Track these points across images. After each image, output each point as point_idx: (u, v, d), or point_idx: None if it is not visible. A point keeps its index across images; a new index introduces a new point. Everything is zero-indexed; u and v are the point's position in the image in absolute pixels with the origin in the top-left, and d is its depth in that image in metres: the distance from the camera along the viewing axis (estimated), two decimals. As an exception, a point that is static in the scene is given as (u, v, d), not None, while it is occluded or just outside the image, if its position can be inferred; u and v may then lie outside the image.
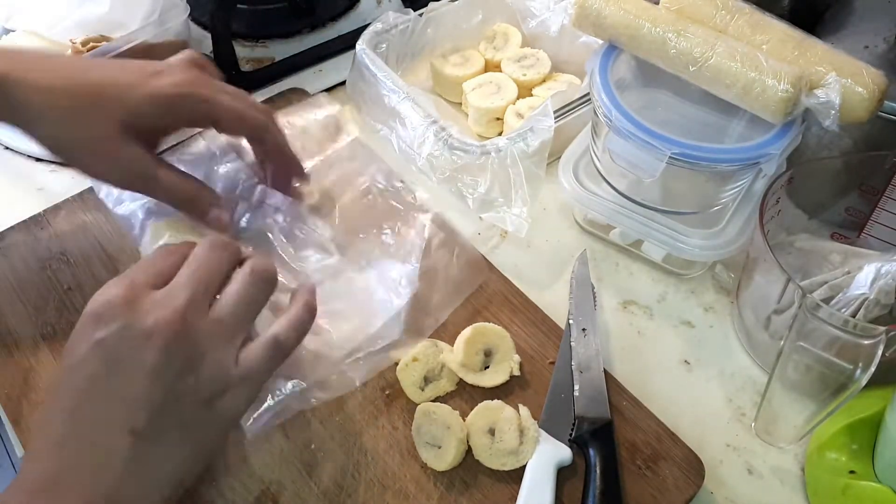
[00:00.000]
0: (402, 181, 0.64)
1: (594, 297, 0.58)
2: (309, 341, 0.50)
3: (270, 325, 0.45)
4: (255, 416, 0.48)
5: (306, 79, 0.78)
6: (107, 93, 0.50)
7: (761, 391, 0.51)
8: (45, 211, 0.63)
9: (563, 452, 0.49)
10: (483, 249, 0.62)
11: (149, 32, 0.68)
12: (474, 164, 0.62)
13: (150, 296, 0.42)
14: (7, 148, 0.70)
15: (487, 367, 0.53)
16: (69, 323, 0.56)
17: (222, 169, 0.59)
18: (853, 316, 0.50)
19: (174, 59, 0.54)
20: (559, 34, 0.74)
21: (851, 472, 0.48)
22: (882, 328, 0.45)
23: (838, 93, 0.49)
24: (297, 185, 0.59)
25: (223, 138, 0.61)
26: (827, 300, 0.52)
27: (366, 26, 0.73)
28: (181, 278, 0.43)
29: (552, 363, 0.54)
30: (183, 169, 0.54)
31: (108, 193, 0.58)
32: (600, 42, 0.59)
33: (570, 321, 0.55)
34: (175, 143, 0.61)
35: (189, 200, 0.54)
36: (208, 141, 0.62)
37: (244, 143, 0.59)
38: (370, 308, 0.55)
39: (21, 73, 0.49)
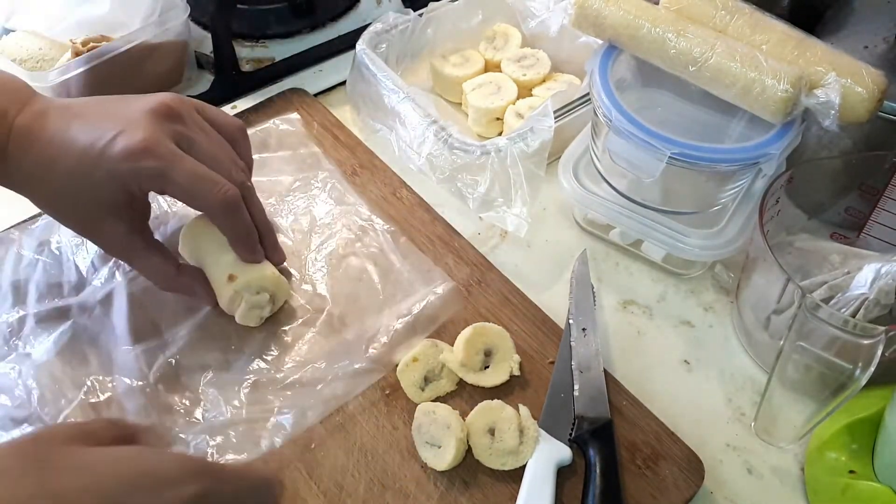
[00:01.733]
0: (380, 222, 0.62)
1: (594, 297, 0.58)
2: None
3: None
4: None
5: (306, 79, 0.78)
6: (84, 169, 0.49)
7: (761, 391, 0.52)
8: (45, 211, 0.63)
9: (563, 452, 0.49)
10: (483, 249, 0.62)
11: (149, 32, 0.68)
12: (474, 163, 0.62)
13: None
14: (7, 148, 0.70)
15: (487, 366, 0.53)
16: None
17: None
18: (853, 316, 0.50)
19: (146, 103, 0.50)
20: (559, 34, 0.74)
21: (851, 471, 0.48)
22: (882, 328, 0.45)
23: (838, 93, 0.50)
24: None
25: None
26: (827, 300, 0.52)
27: (366, 26, 0.73)
28: None
29: (552, 363, 0.54)
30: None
31: None
32: (600, 42, 0.59)
33: (570, 321, 0.55)
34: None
35: (165, 284, 0.55)
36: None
37: None
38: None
39: (21, 142, 0.50)
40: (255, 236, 0.55)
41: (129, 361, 0.53)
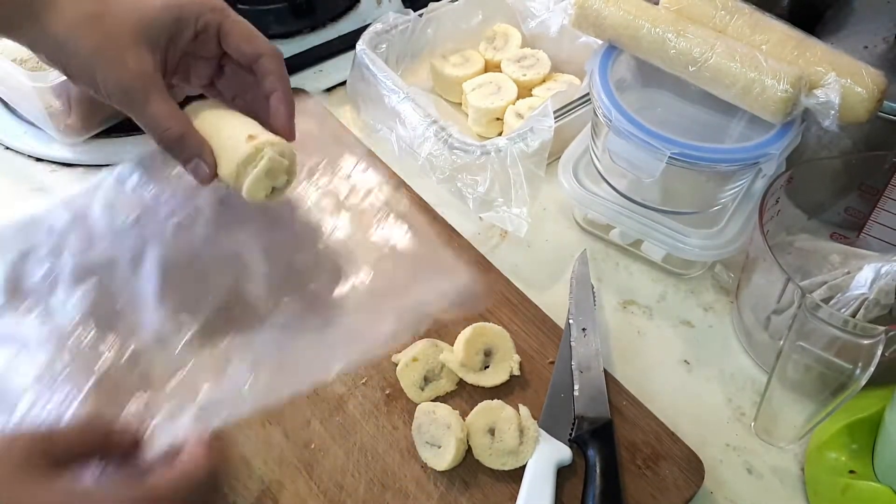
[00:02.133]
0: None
1: (594, 297, 0.58)
2: None
3: None
4: None
5: (306, 79, 0.78)
6: (125, 3, 0.50)
7: (761, 391, 0.52)
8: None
9: (563, 452, 0.49)
10: (483, 249, 0.62)
11: (149, 32, 0.68)
12: (474, 163, 0.62)
13: None
14: (7, 148, 0.70)
15: (487, 366, 0.53)
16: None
17: None
18: (853, 316, 0.50)
19: None
20: (559, 34, 0.74)
21: (851, 471, 0.48)
22: (881, 328, 0.45)
23: (838, 93, 0.50)
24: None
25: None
26: (826, 300, 0.52)
27: (366, 26, 0.73)
28: None
29: (552, 363, 0.54)
30: None
31: None
32: (600, 42, 0.59)
33: (570, 321, 0.55)
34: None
35: (171, 140, 0.51)
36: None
37: None
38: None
39: None
40: None
41: (158, 326, 0.52)
